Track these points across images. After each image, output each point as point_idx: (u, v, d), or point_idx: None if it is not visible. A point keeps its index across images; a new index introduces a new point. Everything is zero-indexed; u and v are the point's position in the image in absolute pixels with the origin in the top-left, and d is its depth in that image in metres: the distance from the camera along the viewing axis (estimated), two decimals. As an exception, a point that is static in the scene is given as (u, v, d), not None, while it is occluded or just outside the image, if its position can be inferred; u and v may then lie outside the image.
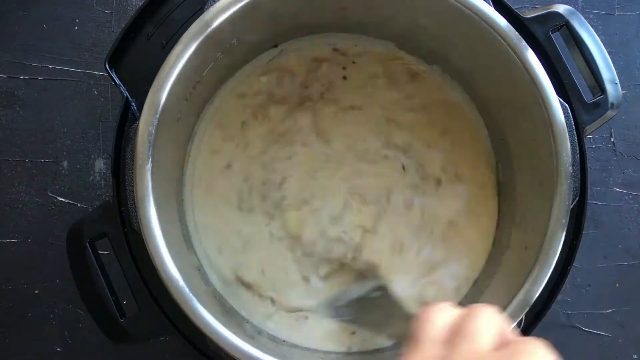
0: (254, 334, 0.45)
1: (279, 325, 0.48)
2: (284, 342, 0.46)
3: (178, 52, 0.39)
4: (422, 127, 0.50)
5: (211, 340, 0.39)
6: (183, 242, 0.45)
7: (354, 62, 0.50)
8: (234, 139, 0.49)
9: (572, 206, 0.41)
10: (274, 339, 0.46)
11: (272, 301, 0.48)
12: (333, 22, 0.48)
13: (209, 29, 0.40)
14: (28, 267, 0.54)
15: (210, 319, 0.39)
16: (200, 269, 0.46)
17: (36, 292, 0.54)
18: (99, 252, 0.42)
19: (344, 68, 0.50)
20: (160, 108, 0.39)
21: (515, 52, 0.40)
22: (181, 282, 0.38)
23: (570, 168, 0.40)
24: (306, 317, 0.48)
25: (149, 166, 0.39)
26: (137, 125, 0.39)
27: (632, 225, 0.56)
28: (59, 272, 0.53)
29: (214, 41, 0.41)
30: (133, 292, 0.42)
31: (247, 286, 0.48)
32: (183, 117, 0.44)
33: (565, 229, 0.40)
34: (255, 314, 0.48)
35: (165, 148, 0.42)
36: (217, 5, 0.40)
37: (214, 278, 0.48)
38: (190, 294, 0.38)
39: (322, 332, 0.48)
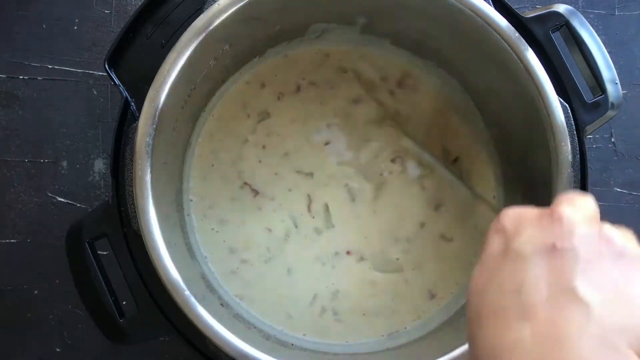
0: (263, 340, 0.45)
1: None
2: (292, 346, 0.46)
3: (172, 60, 0.39)
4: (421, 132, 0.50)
5: (211, 341, 0.39)
6: (186, 250, 0.45)
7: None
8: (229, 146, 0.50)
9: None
10: (283, 343, 0.46)
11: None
12: (326, 24, 0.48)
13: (202, 36, 0.40)
14: (27, 267, 0.54)
15: (218, 327, 0.39)
16: (204, 277, 0.46)
17: (36, 292, 0.53)
18: (99, 252, 0.42)
19: (345, 72, 0.51)
20: (157, 117, 0.39)
21: (515, 52, 0.40)
22: (187, 292, 0.38)
23: (569, 156, 0.40)
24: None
25: (148, 177, 0.39)
26: (136, 128, 0.39)
27: (632, 225, 0.55)
28: (58, 272, 0.53)
29: (207, 47, 0.41)
30: (132, 292, 0.42)
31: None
32: (179, 125, 0.44)
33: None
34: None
35: (164, 157, 0.42)
36: (209, 12, 0.40)
37: (218, 285, 0.48)
38: (196, 303, 0.38)
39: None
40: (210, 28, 0.40)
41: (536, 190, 0.44)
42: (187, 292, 0.39)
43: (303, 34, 0.49)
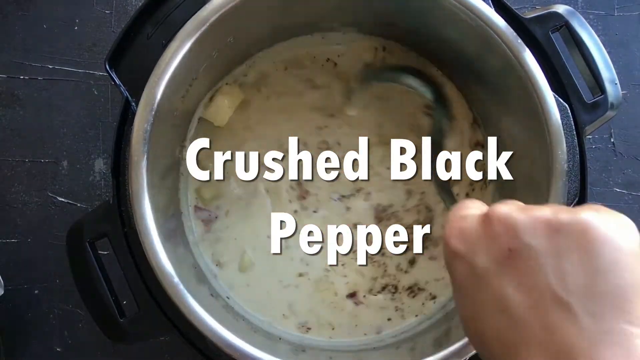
0: (250, 332, 0.45)
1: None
2: (279, 340, 0.46)
3: (174, 50, 0.39)
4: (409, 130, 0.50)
5: (210, 340, 0.39)
6: (180, 241, 0.45)
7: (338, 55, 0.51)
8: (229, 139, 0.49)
9: (572, 207, 0.41)
10: (270, 337, 0.46)
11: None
12: (326, 20, 0.48)
13: (205, 27, 0.40)
14: (28, 267, 0.54)
15: (207, 317, 0.39)
16: (196, 267, 0.46)
17: (36, 292, 0.54)
18: (99, 252, 0.42)
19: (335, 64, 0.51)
20: (155, 105, 0.39)
21: (512, 53, 0.40)
22: (176, 279, 0.38)
23: (565, 165, 0.40)
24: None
25: (144, 163, 0.39)
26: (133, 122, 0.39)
27: (632, 225, 0.56)
28: (59, 272, 0.53)
29: (209, 39, 0.41)
30: (133, 292, 0.42)
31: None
32: (179, 114, 0.44)
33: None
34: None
35: (162, 145, 0.41)
36: (214, 3, 0.40)
37: (211, 277, 0.48)
38: (185, 290, 0.38)
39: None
40: (213, 19, 0.40)
41: (533, 193, 0.44)
42: (175, 280, 0.38)
43: (310, 32, 0.49)
